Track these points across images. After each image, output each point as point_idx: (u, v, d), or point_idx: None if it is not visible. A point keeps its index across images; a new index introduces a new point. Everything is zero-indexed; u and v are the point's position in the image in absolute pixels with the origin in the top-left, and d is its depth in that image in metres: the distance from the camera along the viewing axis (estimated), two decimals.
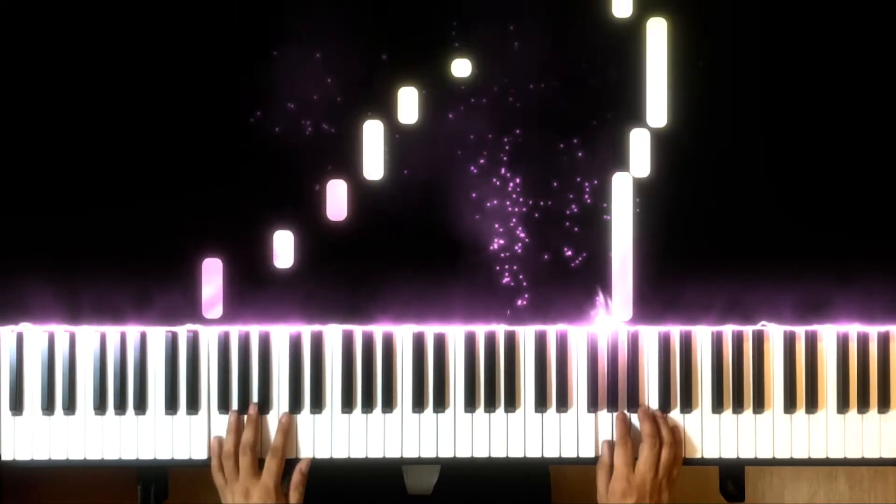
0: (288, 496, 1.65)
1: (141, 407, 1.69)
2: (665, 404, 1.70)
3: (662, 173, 1.71)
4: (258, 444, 1.67)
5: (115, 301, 1.69)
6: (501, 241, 1.69)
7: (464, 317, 1.69)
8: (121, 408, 1.69)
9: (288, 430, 1.68)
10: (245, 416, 1.68)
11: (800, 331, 1.71)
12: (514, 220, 1.69)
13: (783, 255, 1.71)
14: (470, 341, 1.71)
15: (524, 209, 1.69)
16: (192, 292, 1.70)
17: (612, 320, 1.70)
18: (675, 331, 1.71)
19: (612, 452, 1.66)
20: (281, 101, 1.68)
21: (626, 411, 1.69)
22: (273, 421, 1.69)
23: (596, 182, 1.69)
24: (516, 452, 1.70)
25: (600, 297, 1.70)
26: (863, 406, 1.70)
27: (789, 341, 1.71)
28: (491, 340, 1.71)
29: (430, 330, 1.70)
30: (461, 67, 1.68)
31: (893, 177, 1.71)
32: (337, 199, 1.68)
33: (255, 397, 1.69)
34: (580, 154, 1.68)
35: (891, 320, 1.71)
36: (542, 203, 1.69)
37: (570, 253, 1.70)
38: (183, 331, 1.70)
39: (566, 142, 1.68)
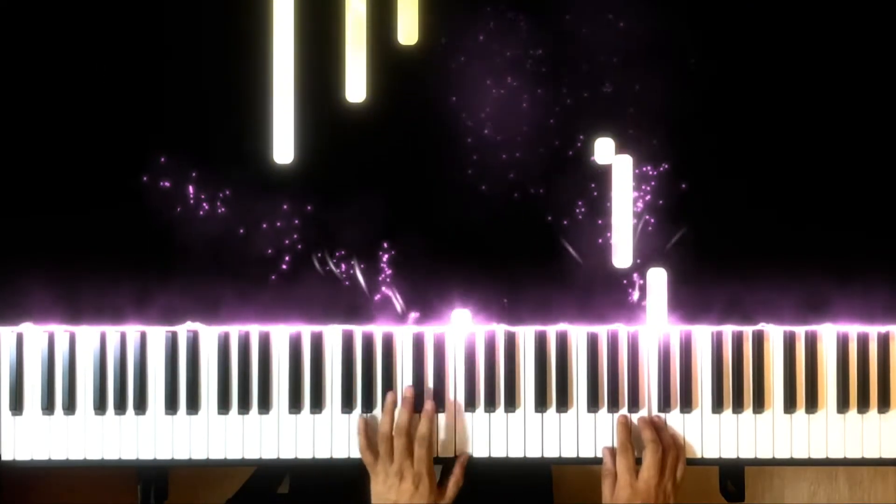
0: (446, 488, 1.65)
1: (141, 407, 1.69)
2: (665, 404, 1.70)
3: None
4: (412, 429, 1.65)
5: (115, 301, 1.69)
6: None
7: None
8: (121, 408, 1.69)
9: (433, 418, 1.67)
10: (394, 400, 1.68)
11: (800, 331, 1.71)
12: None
13: (783, 255, 1.71)
14: (470, 341, 1.71)
15: None
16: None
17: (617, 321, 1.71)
18: (674, 331, 1.71)
19: (614, 459, 1.65)
20: None
21: (626, 414, 1.69)
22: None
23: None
24: (516, 452, 1.70)
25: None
26: (863, 406, 1.69)
27: (789, 341, 1.71)
28: (491, 340, 1.71)
29: (429, 330, 1.70)
30: (460, 317, 1.71)
31: (893, 177, 1.71)
32: None
33: (254, 397, 1.69)
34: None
35: (891, 320, 1.70)
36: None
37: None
38: (183, 331, 1.70)
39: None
